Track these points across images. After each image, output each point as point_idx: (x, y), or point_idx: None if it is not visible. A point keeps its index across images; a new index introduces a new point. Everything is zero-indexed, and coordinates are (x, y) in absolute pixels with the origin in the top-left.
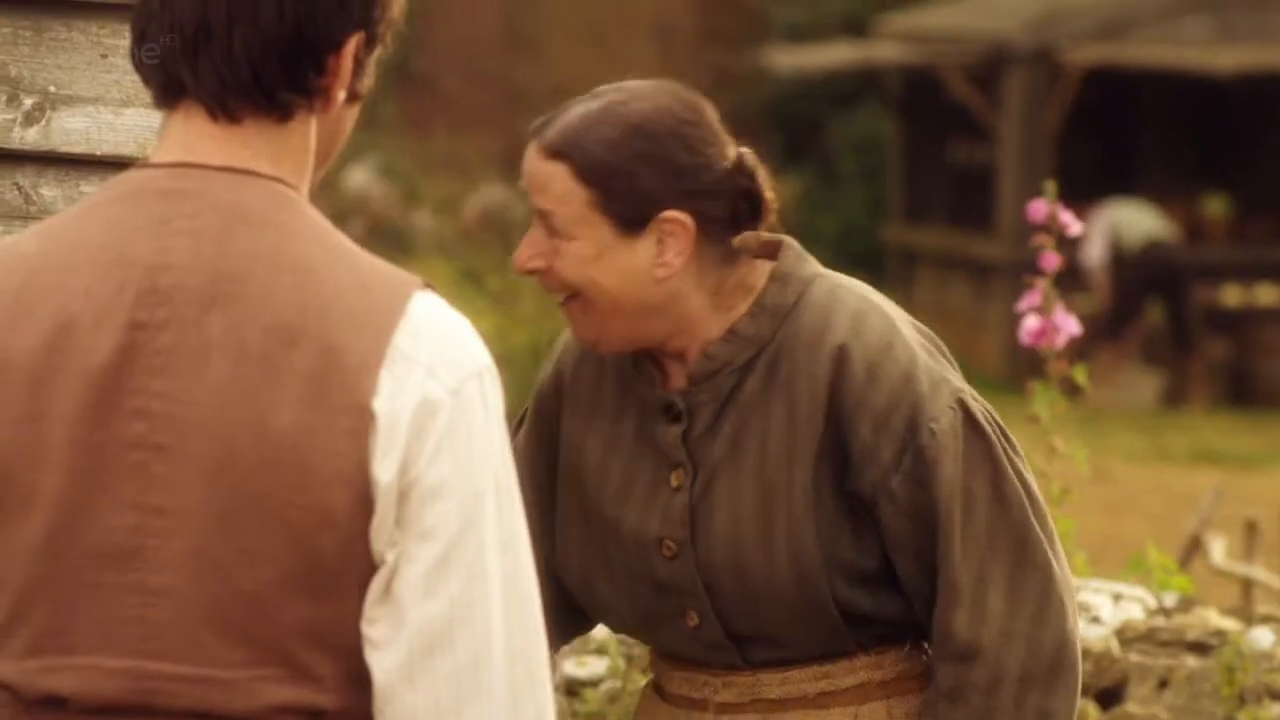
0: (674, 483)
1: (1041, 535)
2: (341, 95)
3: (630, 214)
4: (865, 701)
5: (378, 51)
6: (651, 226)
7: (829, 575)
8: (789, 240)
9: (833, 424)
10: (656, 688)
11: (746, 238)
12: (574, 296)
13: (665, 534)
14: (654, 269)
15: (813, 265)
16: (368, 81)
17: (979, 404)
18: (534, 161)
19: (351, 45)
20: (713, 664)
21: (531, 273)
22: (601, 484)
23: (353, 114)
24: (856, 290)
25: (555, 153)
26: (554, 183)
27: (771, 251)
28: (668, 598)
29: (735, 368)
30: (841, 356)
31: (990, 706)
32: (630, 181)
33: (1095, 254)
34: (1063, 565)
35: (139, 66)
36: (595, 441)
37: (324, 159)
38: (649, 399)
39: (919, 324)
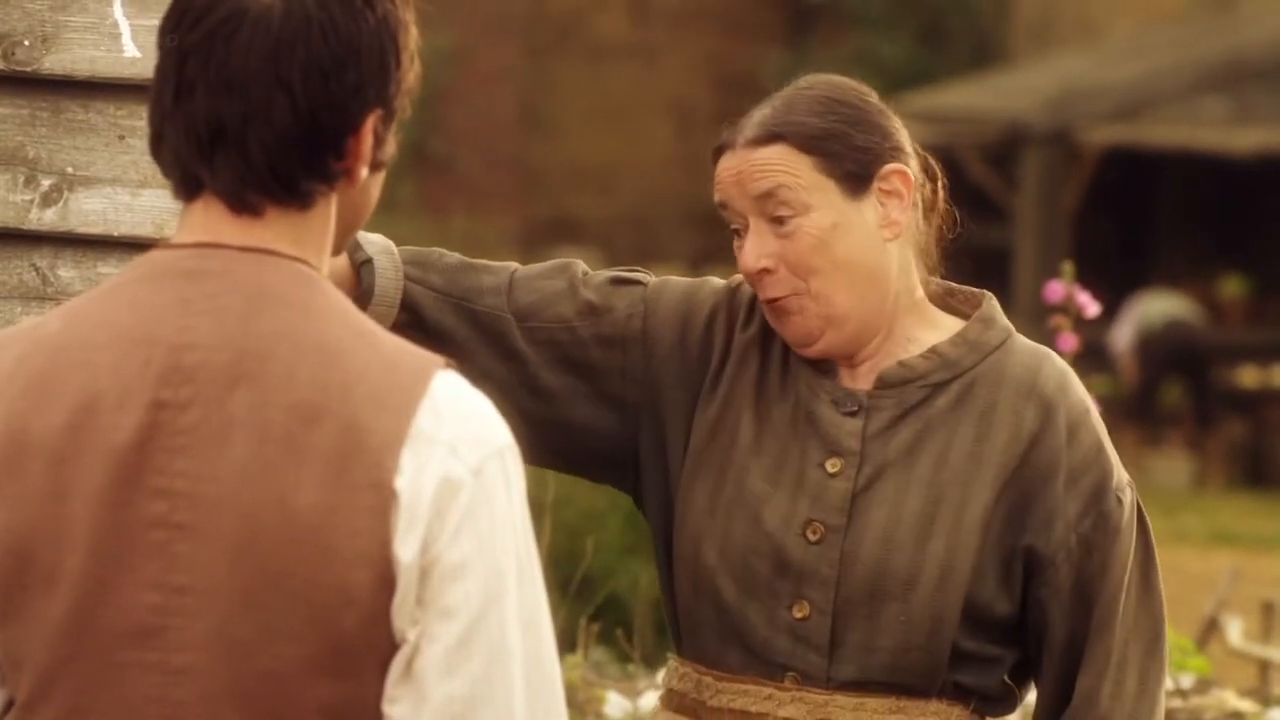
0: (830, 469)
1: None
2: (364, 171)
3: (854, 171)
4: None
5: (397, 119)
6: (873, 185)
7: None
8: (990, 295)
9: (1024, 471)
10: (688, 709)
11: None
12: (799, 293)
13: (816, 516)
14: (881, 230)
15: (1008, 321)
16: (390, 150)
17: None
18: (745, 156)
19: (370, 123)
20: (790, 670)
21: (761, 274)
22: (752, 461)
23: (377, 181)
24: (1057, 355)
25: (769, 136)
26: (778, 160)
27: (975, 304)
28: (787, 581)
29: (928, 384)
30: (1050, 411)
31: None
32: (846, 141)
33: (1124, 339)
34: None
35: (158, 159)
36: (750, 419)
37: (349, 230)
38: (819, 390)
39: None
